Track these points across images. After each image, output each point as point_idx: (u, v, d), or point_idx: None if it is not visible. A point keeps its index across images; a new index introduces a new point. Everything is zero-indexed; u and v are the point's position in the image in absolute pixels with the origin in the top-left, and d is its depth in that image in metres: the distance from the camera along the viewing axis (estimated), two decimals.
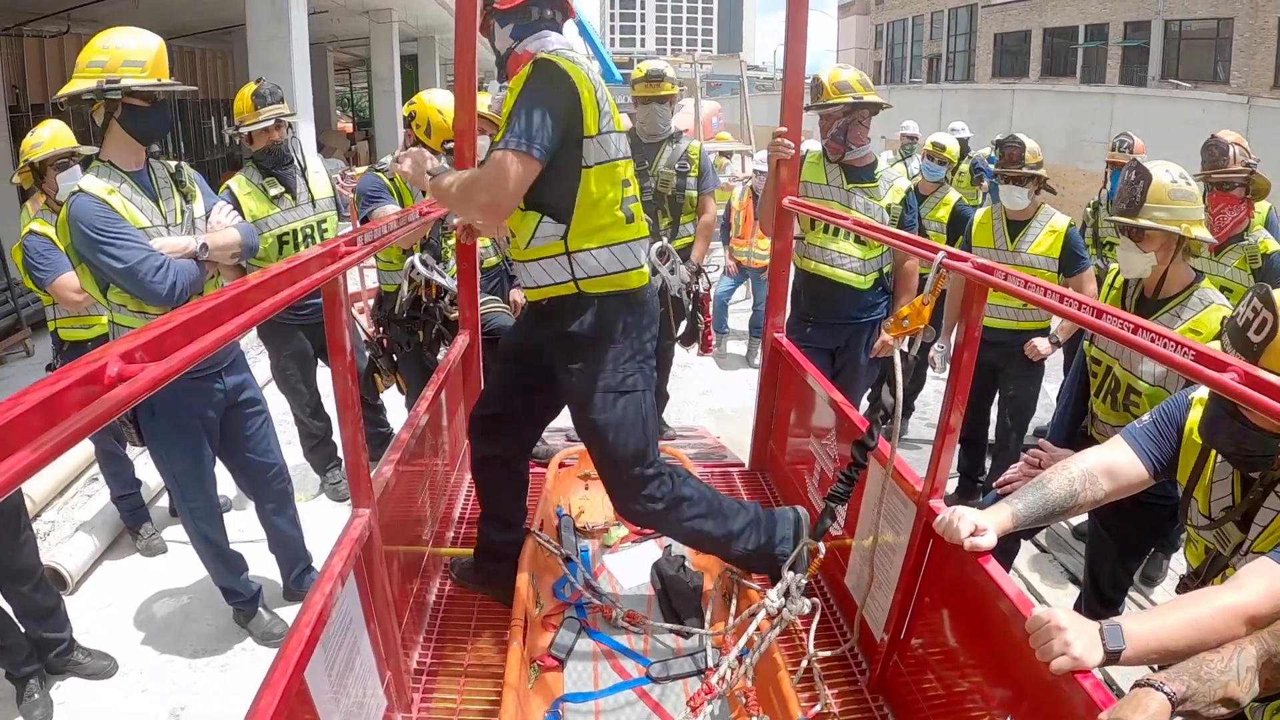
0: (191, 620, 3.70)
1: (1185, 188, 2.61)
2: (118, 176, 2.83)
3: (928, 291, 2.17)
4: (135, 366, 1.00)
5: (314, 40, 11.74)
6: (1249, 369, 1.32)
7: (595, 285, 2.37)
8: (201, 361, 2.99)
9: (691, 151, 4.48)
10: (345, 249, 1.86)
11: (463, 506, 3.63)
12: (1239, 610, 1.61)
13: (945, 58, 33.31)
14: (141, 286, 2.75)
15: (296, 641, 1.67)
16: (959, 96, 21.75)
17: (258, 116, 3.99)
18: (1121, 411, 2.82)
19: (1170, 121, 12.57)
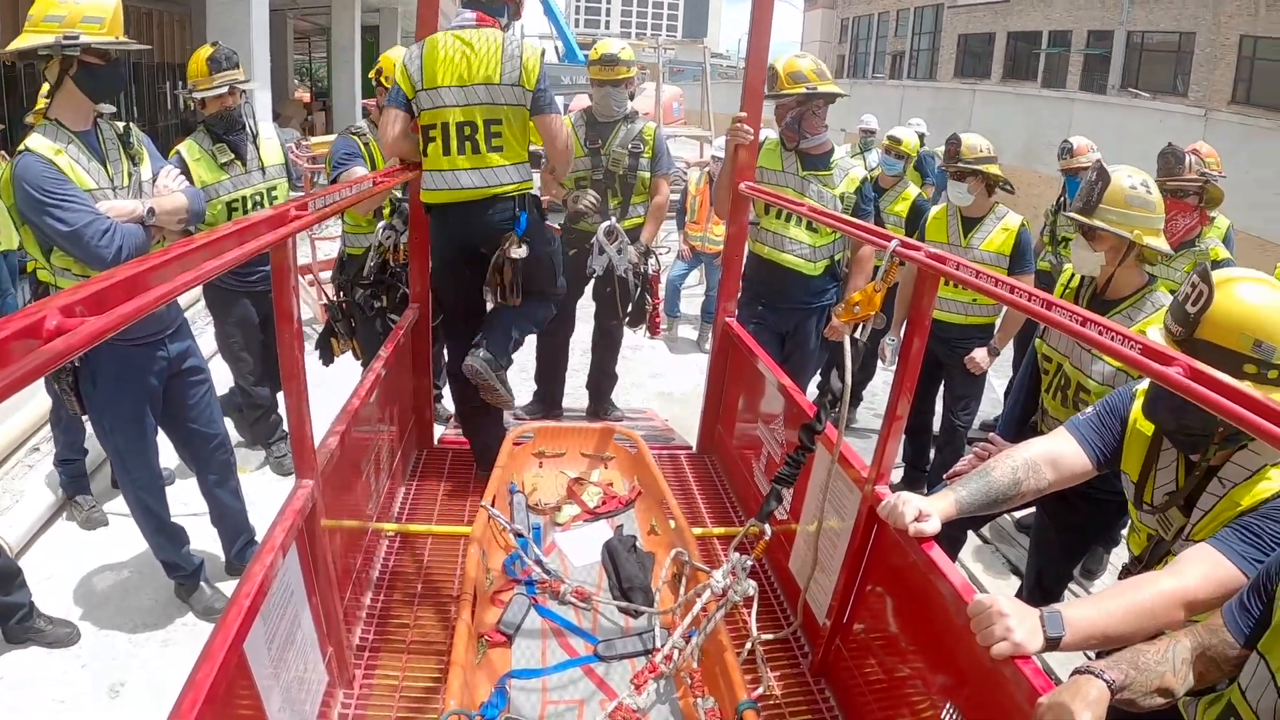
0: (132, 594, 3.62)
1: (1144, 195, 2.64)
2: (65, 136, 2.74)
3: (880, 278, 2.18)
4: (74, 320, 0.97)
5: (274, 7, 11.49)
6: (1194, 364, 1.34)
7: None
8: (145, 327, 2.98)
9: (646, 133, 4.49)
10: (295, 213, 1.83)
11: (408, 480, 3.60)
12: (1178, 595, 1.64)
13: (909, 55, 33.59)
14: (86, 250, 2.68)
15: (235, 613, 1.65)
16: (920, 94, 21.99)
17: (211, 82, 3.90)
18: (1070, 408, 2.87)
19: (1128, 129, 12.86)
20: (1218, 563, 1.69)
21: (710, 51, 16.41)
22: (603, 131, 4.45)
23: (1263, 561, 1.64)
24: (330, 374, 4.01)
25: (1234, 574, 1.67)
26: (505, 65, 3.03)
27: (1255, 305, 1.70)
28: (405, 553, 3.09)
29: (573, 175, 4.34)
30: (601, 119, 4.49)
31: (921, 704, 2.08)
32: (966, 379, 4.33)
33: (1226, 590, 1.65)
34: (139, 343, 3.01)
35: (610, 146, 4.43)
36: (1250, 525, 1.73)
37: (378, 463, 3.05)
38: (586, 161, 4.41)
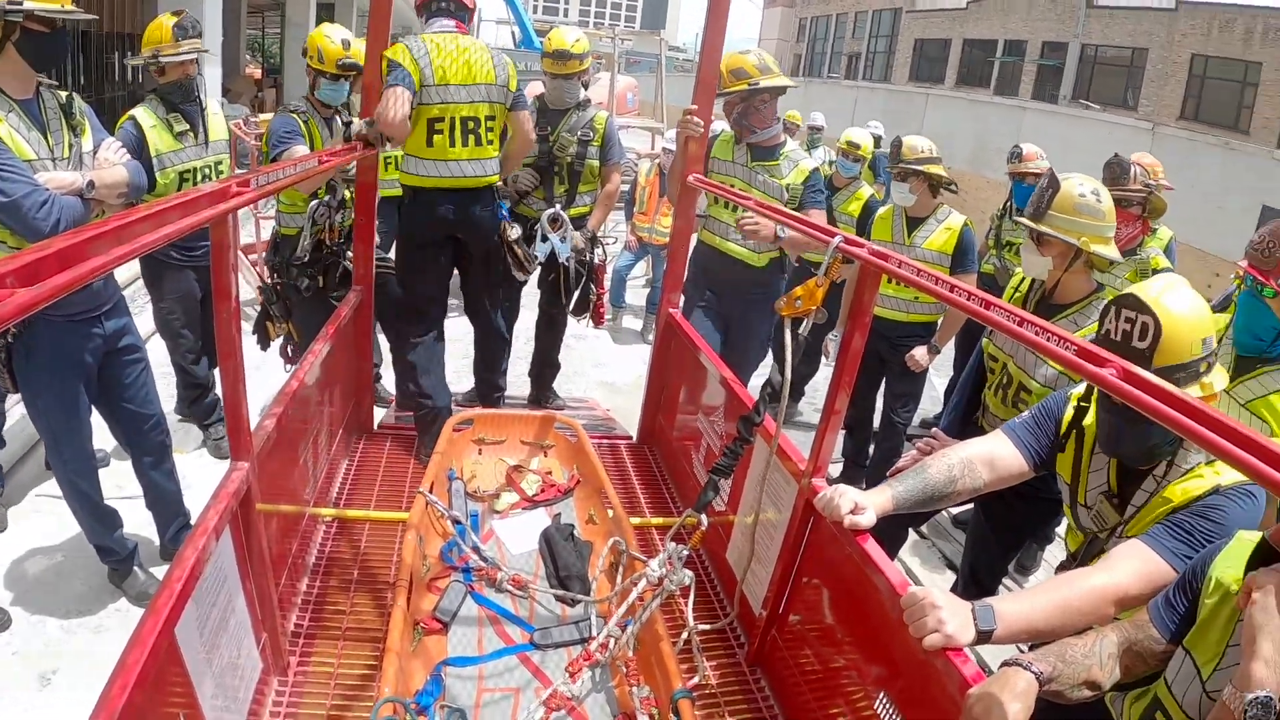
0: (64, 579, 3.53)
1: (1093, 204, 2.68)
2: (5, 104, 2.66)
3: (822, 274, 2.21)
4: (4, 291, 0.95)
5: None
6: (1127, 366, 1.36)
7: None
8: (81, 303, 2.91)
9: (597, 121, 4.44)
10: (237, 189, 1.80)
11: (347, 465, 3.57)
12: (1109, 591, 1.69)
13: (865, 57, 33.93)
14: (24, 222, 2.60)
15: (167, 597, 1.62)
16: (874, 95, 22.23)
17: (178, 48, 3.85)
18: (1010, 407, 2.92)
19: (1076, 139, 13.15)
20: (1148, 559, 1.73)
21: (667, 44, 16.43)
22: (553, 119, 4.40)
23: (1192, 558, 1.68)
24: (271, 356, 3.96)
25: (1164, 570, 1.72)
26: (497, 69, 3.48)
27: (1193, 308, 1.78)
28: (342, 538, 3.06)
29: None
30: (553, 107, 4.44)
31: (855, 694, 2.11)
32: (907, 376, 4.40)
33: (1156, 586, 1.69)
34: (75, 318, 2.94)
35: (559, 133, 4.37)
36: (1181, 522, 1.78)
37: (315, 446, 3.01)
38: (535, 148, 4.32)
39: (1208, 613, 1.49)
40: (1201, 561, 1.59)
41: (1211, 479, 1.82)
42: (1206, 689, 1.45)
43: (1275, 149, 15.79)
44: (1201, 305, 1.80)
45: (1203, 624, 1.49)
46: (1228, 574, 1.47)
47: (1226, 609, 1.44)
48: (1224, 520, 1.75)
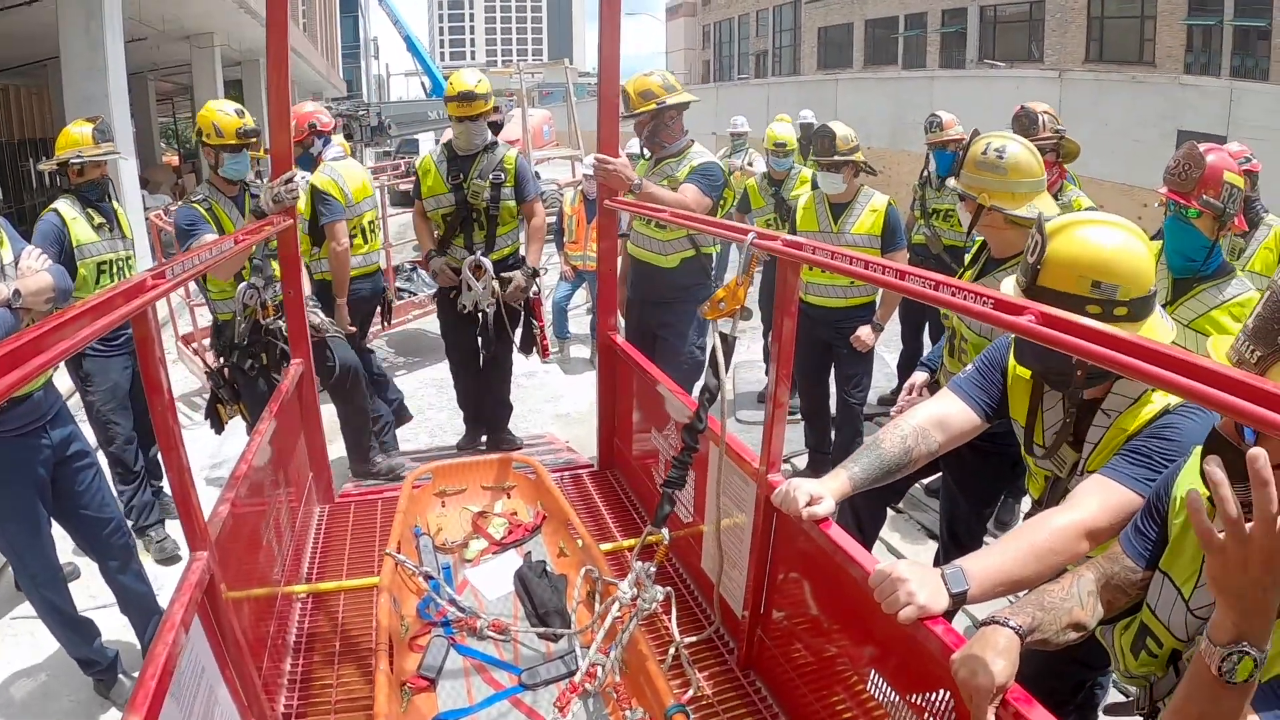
0: (51, 698, 3.46)
1: (994, 160, 2.71)
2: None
3: (741, 272, 2.25)
4: None
5: (134, 70, 11.13)
6: (1044, 310, 1.39)
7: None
8: (23, 416, 2.88)
9: (506, 161, 4.41)
10: (153, 282, 1.79)
11: (314, 539, 3.54)
12: (1077, 528, 1.70)
13: (771, 53, 34.41)
14: None
15: (143, 696, 1.59)
16: (785, 90, 22.46)
17: (99, 150, 4.07)
18: (955, 359, 2.99)
19: (988, 100, 13.38)
20: (1111, 489, 1.74)
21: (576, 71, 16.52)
22: (463, 165, 4.38)
23: (1151, 479, 1.70)
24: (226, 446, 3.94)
25: (1130, 498, 1.72)
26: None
27: (1090, 247, 1.77)
28: (319, 612, 3.02)
29: (436, 211, 4.41)
30: (462, 153, 4.42)
31: (850, 679, 2.12)
32: (855, 358, 4.46)
33: (1124, 515, 1.71)
34: (21, 432, 2.91)
35: (471, 180, 4.35)
36: (1138, 448, 1.79)
37: (278, 525, 2.98)
38: (450, 197, 4.38)
39: (1178, 532, 1.51)
40: (1164, 483, 1.60)
41: (1161, 402, 1.83)
42: (1190, 608, 1.47)
43: (1180, 74, 16.28)
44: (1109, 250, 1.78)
45: (1175, 544, 1.52)
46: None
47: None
48: (1178, 438, 1.74)
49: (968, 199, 2.78)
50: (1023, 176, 2.73)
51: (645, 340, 4.23)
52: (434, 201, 4.40)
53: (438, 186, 4.38)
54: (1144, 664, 1.62)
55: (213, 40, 17.32)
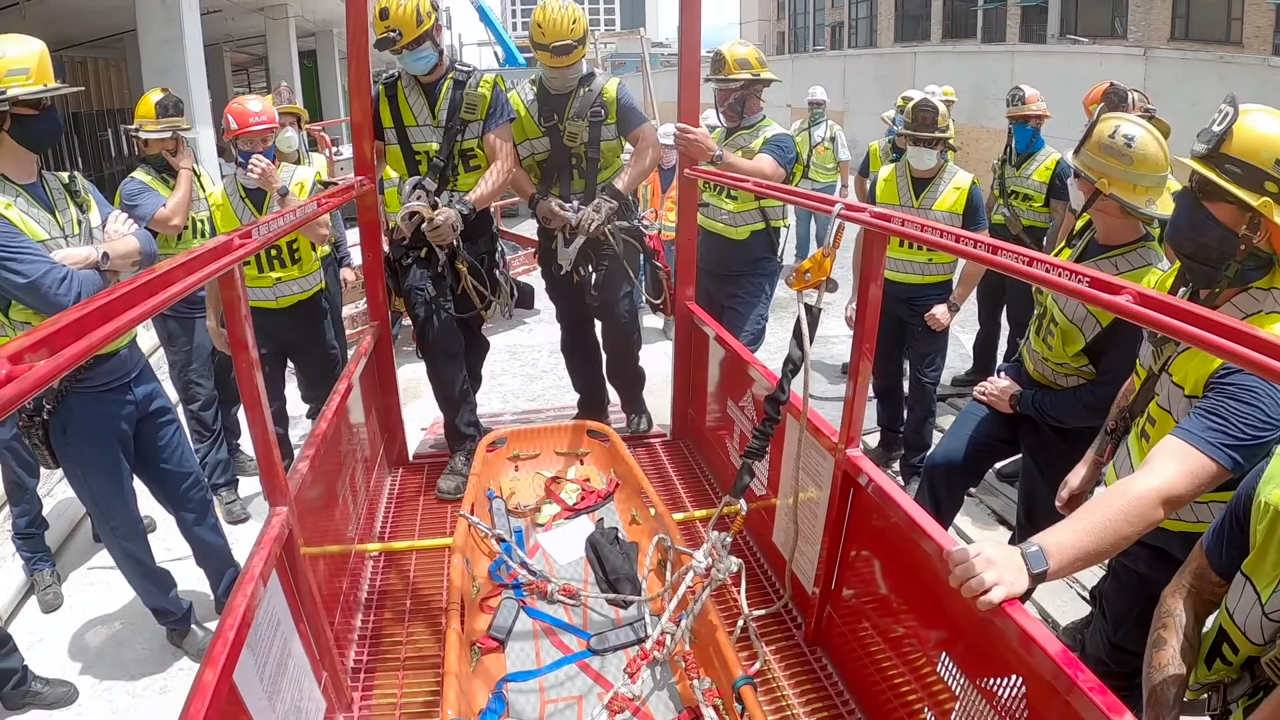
0: (125, 645, 3.59)
1: (1121, 146, 2.54)
2: (12, 190, 2.72)
3: (828, 244, 2.20)
4: (23, 366, 0.97)
5: (209, 41, 11.35)
6: (1141, 290, 1.35)
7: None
8: (109, 373, 2.97)
9: (606, 93, 3.75)
10: (239, 242, 1.82)
11: (388, 499, 3.60)
12: (1154, 495, 1.66)
13: (848, 25, 33.73)
14: (46, 300, 2.65)
15: (221, 646, 1.64)
16: (862, 62, 22.02)
17: (157, 125, 4.12)
18: (1040, 338, 2.91)
19: (1070, 76, 12.94)
20: (1187, 454, 1.72)
21: (650, 41, 16.38)
22: (557, 104, 3.74)
23: (1230, 445, 1.69)
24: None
25: (1205, 463, 1.70)
26: None
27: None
28: (391, 571, 3.08)
29: (531, 158, 3.80)
30: (555, 91, 3.76)
31: (917, 660, 2.10)
32: (929, 336, 4.36)
33: (1199, 481, 1.69)
34: (106, 388, 2.99)
35: (566, 119, 3.71)
36: (1215, 408, 1.76)
37: (353, 484, 3.04)
38: (544, 141, 3.77)
39: (1261, 537, 1.47)
40: (1246, 489, 1.56)
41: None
42: (1266, 611, 1.43)
43: (1270, 55, 15.54)
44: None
45: (1259, 549, 1.47)
46: (1275, 495, 1.44)
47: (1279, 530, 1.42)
48: (1261, 406, 1.74)
49: (1083, 178, 2.65)
50: (1148, 169, 2.55)
51: (712, 311, 4.15)
52: (526, 147, 3.78)
53: (529, 129, 3.77)
54: (1217, 672, 1.58)
55: (287, 12, 17.61)
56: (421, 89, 3.48)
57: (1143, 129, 2.58)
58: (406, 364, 4.15)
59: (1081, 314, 2.73)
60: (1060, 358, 2.83)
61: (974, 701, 1.83)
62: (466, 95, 3.48)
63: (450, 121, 3.48)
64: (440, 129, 3.49)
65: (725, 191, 4.25)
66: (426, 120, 3.50)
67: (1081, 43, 19.72)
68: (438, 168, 3.51)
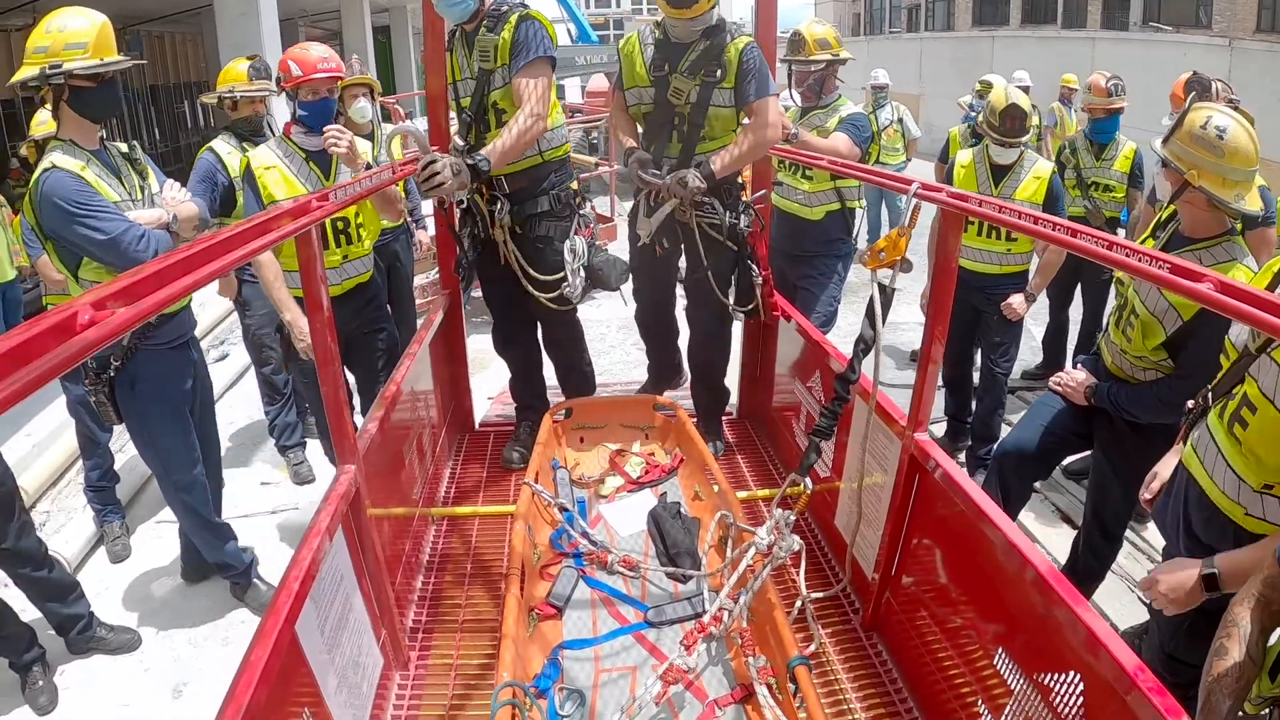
0: (189, 597, 3.70)
1: (1212, 138, 2.46)
2: (82, 155, 2.82)
3: (903, 223, 2.17)
4: (105, 312, 0.99)
5: (284, 16, 11.52)
6: (1223, 279, 1.31)
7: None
8: (175, 330, 3.05)
9: (730, 52, 3.16)
10: (317, 203, 1.84)
11: (453, 464, 3.64)
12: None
13: (925, 7, 32.79)
14: (124, 257, 2.74)
15: (285, 596, 1.68)
16: (940, 45, 21.58)
17: (251, 86, 4.23)
18: (1119, 330, 2.86)
19: (1151, 65, 12.56)
20: None
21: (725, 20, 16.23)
22: (673, 54, 3.24)
23: None
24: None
25: None
26: None
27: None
28: (453, 535, 3.13)
29: (637, 107, 3.36)
30: (676, 39, 3.26)
31: (974, 652, 2.07)
32: (1003, 326, 4.28)
33: None
34: (171, 346, 3.10)
35: (678, 73, 3.23)
36: None
37: (420, 448, 3.08)
38: (650, 92, 3.29)
39: None
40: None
41: None
42: None
43: None
44: None
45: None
46: None
47: None
48: None
49: (1172, 169, 2.56)
50: (1239, 163, 2.47)
51: (785, 292, 4.07)
52: (634, 94, 3.35)
53: (640, 76, 3.30)
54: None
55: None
56: (465, 38, 3.14)
57: (1235, 120, 2.48)
58: (476, 334, 4.17)
59: (1163, 306, 2.65)
60: (1139, 350, 2.77)
61: (1029, 697, 1.80)
62: (479, 42, 3.07)
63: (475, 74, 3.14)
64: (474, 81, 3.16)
65: (801, 171, 4.23)
66: (467, 73, 3.17)
67: (1164, 31, 19.05)
68: (467, 123, 3.20)
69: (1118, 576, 3.60)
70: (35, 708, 3.10)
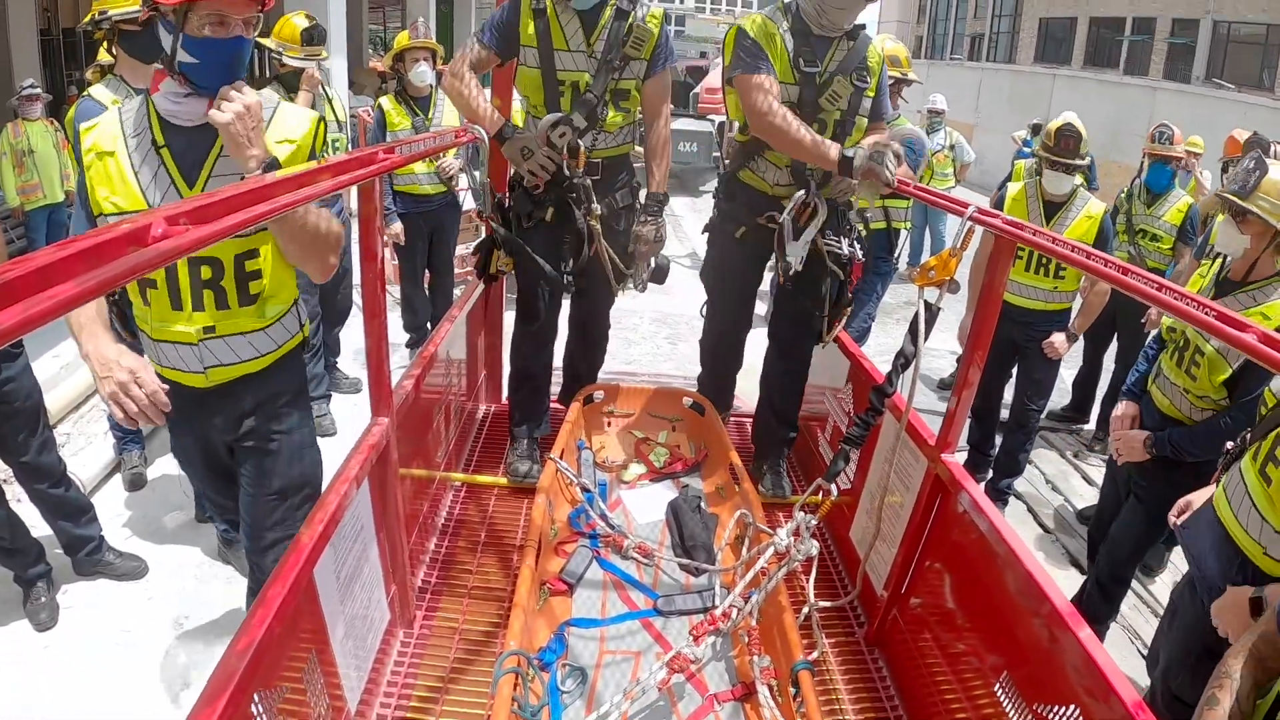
0: (199, 534, 3.76)
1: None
2: (125, 90, 2.96)
3: (955, 245, 2.17)
4: (178, 228, 1.01)
5: None
6: (1266, 331, 1.33)
7: None
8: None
9: (873, 56, 2.94)
10: (383, 155, 1.86)
11: (478, 433, 3.67)
12: None
13: (988, 37, 32.74)
14: None
15: (309, 537, 1.70)
16: (999, 77, 21.40)
17: (299, 52, 4.29)
18: (1181, 371, 2.93)
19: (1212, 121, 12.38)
20: None
21: None
22: (819, 50, 2.88)
23: None
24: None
25: None
26: None
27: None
28: (471, 502, 3.15)
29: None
30: (819, 31, 2.87)
31: (974, 678, 2.07)
32: (1043, 363, 4.24)
33: None
34: None
35: (827, 71, 2.89)
36: None
37: (448, 413, 3.11)
38: (795, 91, 2.86)
39: None
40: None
41: None
42: None
43: None
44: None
45: None
46: None
47: None
48: None
49: (1254, 219, 2.67)
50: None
51: None
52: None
53: (782, 70, 2.85)
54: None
55: None
56: (577, 11, 2.93)
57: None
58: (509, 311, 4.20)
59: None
60: (1203, 389, 2.85)
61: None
62: (636, 29, 2.95)
63: (609, 54, 2.94)
64: (594, 59, 2.94)
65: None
66: (580, 46, 2.93)
67: (1227, 88, 18.86)
68: (589, 103, 2.93)
69: (1121, 627, 3.59)
70: (35, 623, 3.16)
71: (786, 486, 3.28)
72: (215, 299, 2.07)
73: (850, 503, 2.92)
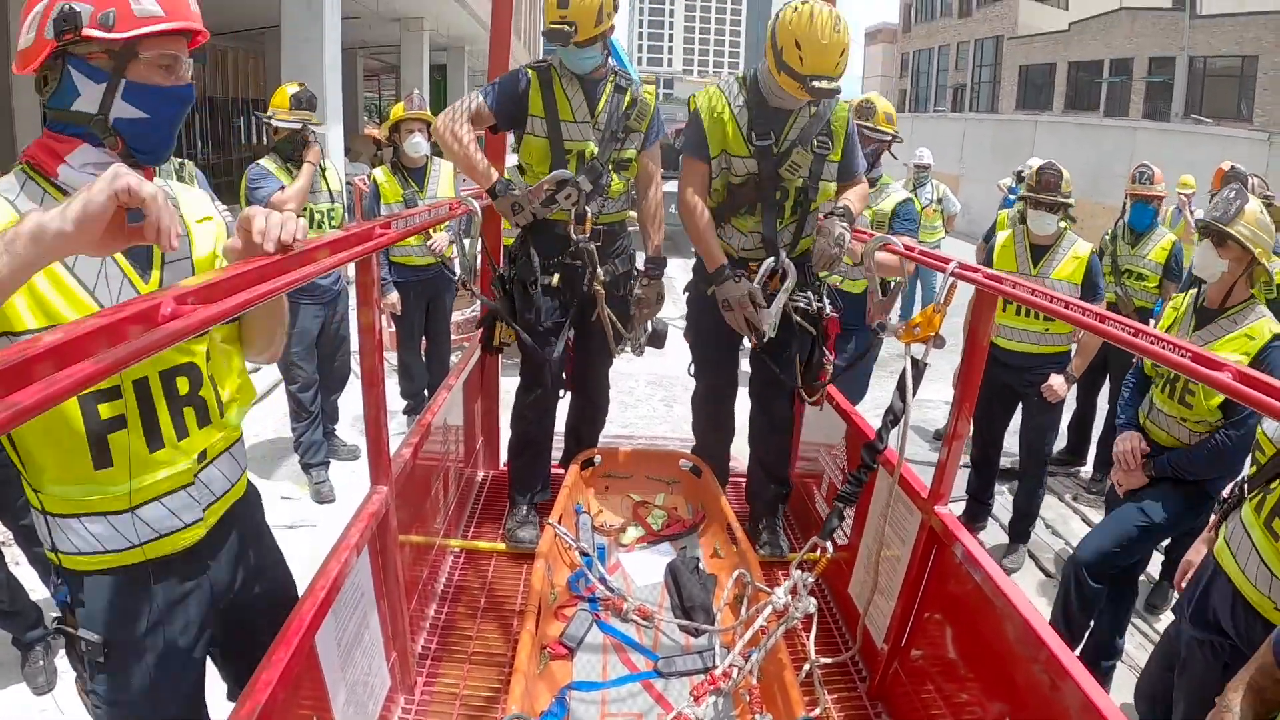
0: None
1: (1268, 222, 2.97)
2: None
3: (939, 300, 2.22)
4: (187, 308, 1.05)
5: (345, 45, 11.87)
6: (1242, 369, 1.37)
7: None
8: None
9: (837, 118, 2.98)
10: (380, 230, 1.92)
11: (476, 499, 3.69)
12: None
13: (970, 88, 33.35)
14: None
15: (311, 603, 1.71)
16: (982, 127, 21.78)
17: (289, 115, 4.34)
18: (1175, 402, 3.08)
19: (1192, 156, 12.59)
20: None
21: None
22: (775, 121, 2.94)
23: None
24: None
25: None
26: None
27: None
28: (470, 568, 3.16)
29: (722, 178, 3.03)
30: (776, 104, 2.93)
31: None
32: (1044, 407, 4.25)
33: None
34: None
35: (785, 142, 2.94)
36: None
37: (446, 479, 3.14)
38: (750, 164, 2.95)
39: None
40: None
41: None
42: None
43: None
44: None
45: None
46: None
47: None
48: None
49: (1233, 244, 2.91)
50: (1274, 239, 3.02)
51: None
52: (722, 163, 3.00)
53: (733, 143, 2.95)
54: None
55: (423, 25, 18.30)
56: (580, 85, 3.05)
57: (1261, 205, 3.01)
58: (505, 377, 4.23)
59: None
60: (1200, 414, 3.01)
61: None
62: (640, 104, 3.11)
63: (612, 126, 3.08)
64: (598, 130, 3.06)
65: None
66: (584, 118, 3.05)
67: (1205, 123, 19.19)
68: (596, 170, 3.04)
69: (1127, 666, 3.57)
70: (33, 686, 3.12)
71: (784, 545, 3.31)
72: (197, 415, 1.63)
73: (848, 558, 2.93)
